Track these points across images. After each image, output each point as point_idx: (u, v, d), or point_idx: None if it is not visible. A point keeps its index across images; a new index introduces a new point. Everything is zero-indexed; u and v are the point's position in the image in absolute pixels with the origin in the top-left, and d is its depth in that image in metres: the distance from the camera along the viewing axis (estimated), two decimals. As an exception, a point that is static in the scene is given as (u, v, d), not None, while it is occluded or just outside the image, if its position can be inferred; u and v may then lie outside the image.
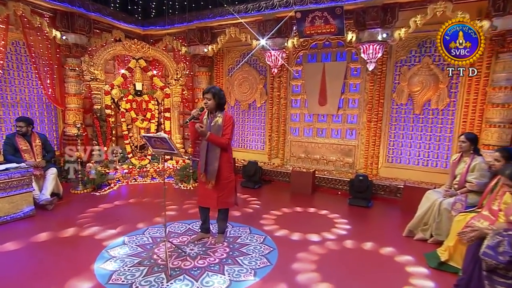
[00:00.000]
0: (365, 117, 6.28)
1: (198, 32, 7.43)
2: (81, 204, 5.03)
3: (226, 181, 3.61)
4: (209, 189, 3.59)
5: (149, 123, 7.05)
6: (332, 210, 5.04)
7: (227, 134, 3.48)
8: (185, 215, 4.63)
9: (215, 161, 3.52)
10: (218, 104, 3.50)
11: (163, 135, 3.01)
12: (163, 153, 3.20)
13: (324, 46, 6.60)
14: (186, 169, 6.46)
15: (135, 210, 4.86)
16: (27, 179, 4.27)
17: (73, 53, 6.65)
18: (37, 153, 4.95)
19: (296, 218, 4.66)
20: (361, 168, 6.40)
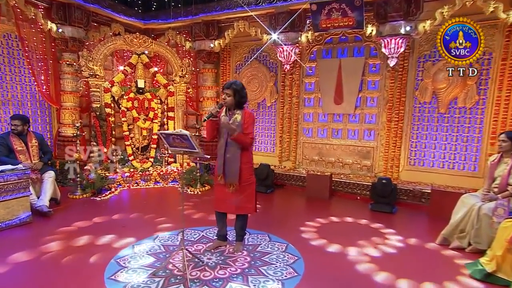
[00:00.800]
0: (384, 117, 6.17)
1: (204, 26, 7.31)
2: (82, 210, 4.87)
3: (246, 184, 3.47)
4: (228, 192, 3.44)
5: (151, 123, 6.89)
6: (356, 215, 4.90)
7: (250, 133, 3.36)
8: (197, 221, 4.47)
9: (235, 162, 3.38)
10: (238, 102, 3.38)
11: (184, 132, 2.87)
12: (182, 152, 3.05)
13: (340, 40, 6.50)
14: (193, 173, 6.30)
15: (141, 216, 4.70)
16: (24, 183, 4.09)
17: (69, 48, 6.52)
18: (33, 154, 4.78)
19: (331, 227, 4.51)
20: (381, 172, 6.27)
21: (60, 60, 6.63)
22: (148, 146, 7.06)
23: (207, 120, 3.35)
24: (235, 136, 3.25)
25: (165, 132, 3.02)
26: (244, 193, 3.46)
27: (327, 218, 4.81)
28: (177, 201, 5.43)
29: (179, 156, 7.07)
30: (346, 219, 4.77)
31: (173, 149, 3.11)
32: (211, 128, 3.41)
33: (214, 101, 7.92)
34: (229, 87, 3.37)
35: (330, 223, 4.58)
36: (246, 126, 3.35)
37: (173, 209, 5.01)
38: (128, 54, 8.24)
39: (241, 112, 3.39)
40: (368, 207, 5.32)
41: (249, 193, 3.50)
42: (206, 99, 7.82)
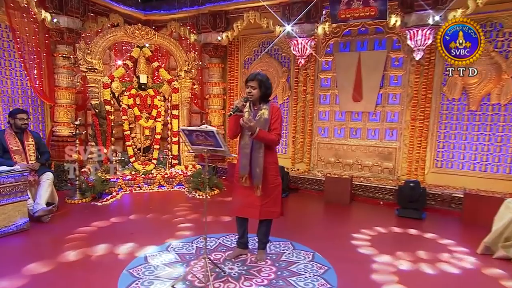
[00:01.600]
0: (408, 115, 6.06)
1: (210, 17, 7.21)
2: (82, 216, 4.71)
3: (272, 186, 3.34)
4: (252, 196, 3.31)
5: (154, 121, 6.75)
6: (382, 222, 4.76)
7: (276, 129, 3.23)
8: (211, 228, 4.33)
9: (261, 162, 3.24)
10: (264, 95, 3.26)
11: (210, 128, 2.75)
12: (206, 150, 2.91)
13: (360, 32, 6.40)
14: (201, 175, 6.16)
15: (149, 222, 4.56)
16: (21, 185, 3.94)
17: (65, 39, 6.39)
18: (30, 154, 4.62)
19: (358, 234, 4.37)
20: (404, 174, 6.16)
21: (54, 53, 6.50)
22: (151, 147, 6.91)
23: (232, 116, 3.22)
24: (257, 135, 3.11)
25: (187, 129, 2.89)
26: (270, 196, 3.34)
27: (351, 225, 4.67)
28: (186, 206, 5.29)
29: (184, 157, 6.93)
30: (373, 225, 4.63)
31: (195, 148, 2.98)
32: (235, 124, 3.27)
33: (221, 98, 7.80)
34: (253, 78, 3.24)
35: (356, 230, 4.44)
36: (273, 121, 3.23)
37: (183, 215, 4.88)
38: (127, 47, 8.12)
39: (268, 106, 3.26)
40: (395, 212, 5.19)
41: (275, 196, 3.38)
42: (212, 96, 7.69)
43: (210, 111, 7.77)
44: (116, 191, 5.84)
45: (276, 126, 3.24)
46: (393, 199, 5.73)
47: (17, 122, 4.55)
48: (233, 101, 7.90)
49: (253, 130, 3.09)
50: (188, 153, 6.94)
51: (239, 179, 3.40)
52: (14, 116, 4.54)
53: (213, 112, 7.74)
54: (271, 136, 3.20)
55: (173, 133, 6.95)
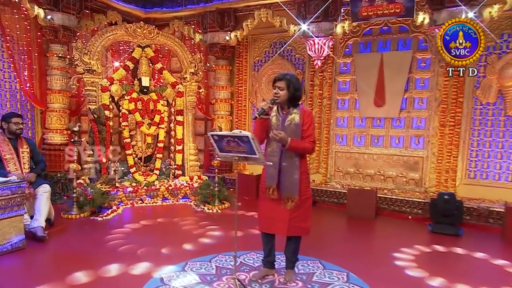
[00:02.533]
0: (437, 121, 5.99)
1: (218, 15, 7.15)
2: (82, 233, 4.57)
3: (303, 198, 3.22)
4: (281, 209, 3.18)
5: (157, 128, 6.62)
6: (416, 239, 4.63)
7: (310, 136, 3.12)
8: (229, 245, 4.18)
9: (294, 171, 3.14)
10: (293, 97, 3.16)
11: (245, 133, 2.65)
12: (237, 158, 2.80)
13: (382, 32, 6.36)
14: (209, 187, 6.01)
15: (158, 239, 4.40)
16: (18, 199, 3.77)
17: (59, 38, 6.31)
18: (24, 163, 4.47)
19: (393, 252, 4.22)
20: (432, 186, 6.05)
21: (47, 52, 6.40)
22: (152, 156, 6.77)
23: (257, 119, 3.10)
24: (289, 146, 2.99)
25: (218, 134, 2.78)
26: (300, 210, 3.21)
27: (384, 241, 4.54)
28: (195, 221, 5.15)
29: (188, 167, 6.79)
30: (410, 243, 4.49)
31: (224, 155, 2.87)
32: (260, 128, 3.17)
33: (228, 103, 7.69)
34: (281, 78, 3.15)
35: (393, 248, 4.29)
36: (306, 128, 3.12)
37: (194, 231, 4.74)
38: (125, 47, 8.06)
39: (299, 110, 3.15)
40: (427, 228, 5.06)
41: (305, 210, 3.25)
42: (219, 101, 7.58)
43: (217, 117, 7.65)
44: (116, 204, 5.67)
45: (310, 133, 3.13)
46: (422, 213, 5.61)
47: (11, 126, 4.40)
48: (240, 106, 7.80)
49: (285, 142, 2.97)
50: (194, 163, 6.85)
51: (265, 190, 3.27)
52: (8, 120, 4.39)
53: (220, 118, 7.63)
54: (304, 144, 3.08)
55: (177, 141, 6.82)
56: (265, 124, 3.19)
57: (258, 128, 3.18)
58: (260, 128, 3.17)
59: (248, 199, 6.52)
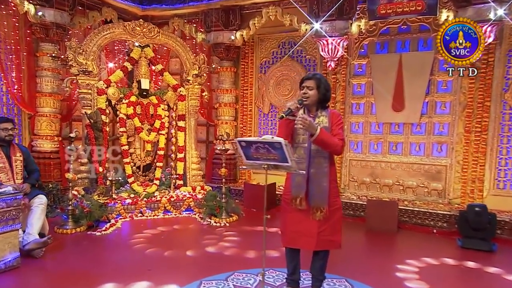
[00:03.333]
0: (461, 127, 5.96)
1: (223, 13, 7.10)
2: (81, 249, 4.46)
3: (333, 208, 3.14)
4: (308, 221, 3.09)
5: (157, 134, 6.51)
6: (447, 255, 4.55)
7: (338, 134, 3.04)
8: (245, 262, 4.12)
9: (323, 178, 3.06)
10: (323, 99, 3.10)
11: (277, 139, 2.58)
12: (266, 166, 2.72)
13: (400, 31, 6.34)
14: (216, 198, 5.91)
15: (165, 255, 4.31)
16: (13, 211, 3.65)
17: (50, 36, 6.26)
18: (17, 173, 4.35)
19: (426, 269, 4.15)
20: (457, 197, 6.00)
21: (37, 52, 6.33)
22: (152, 165, 6.65)
23: (283, 119, 3.02)
24: (317, 136, 2.88)
25: (246, 140, 2.71)
26: (330, 222, 3.13)
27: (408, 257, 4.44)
28: (203, 235, 5.08)
29: (190, 177, 6.69)
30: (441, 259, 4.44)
31: (251, 163, 2.79)
32: (285, 130, 3.08)
33: (232, 107, 7.62)
34: (311, 77, 3.11)
35: (420, 264, 4.21)
36: (334, 128, 3.05)
37: (204, 246, 4.65)
38: (120, 47, 8.01)
39: (327, 113, 3.09)
40: (457, 243, 4.98)
41: (335, 221, 3.17)
42: (223, 106, 7.51)
43: (220, 122, 7.57)
44: (114, 217, 5.54)
45: (339, 132, 3.05)
46: (447, 226, 5.55)
47: (0, 133, 4.29)
48: (246, 111, 7.73)
49: (313, 130, 2.86)
50: (196, 172, 6.75)
51: (291, 201, 3.18)
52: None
53: (223, 124, 7.54)
54: (334, 139, 2.98)
55: (179, 149, 6.72)
56: (291, 127, 3.10)
57: (283, 130, 3.10)
58: (286, 130, 3.08)
59: (256, 211, 6.42)
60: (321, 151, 3.01)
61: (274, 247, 4.33)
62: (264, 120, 7.61)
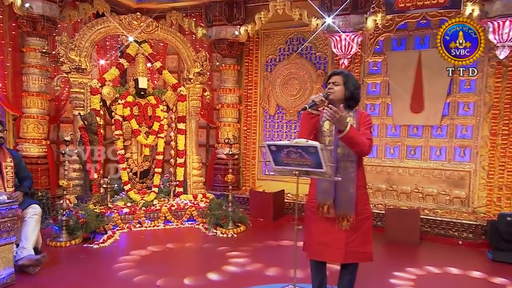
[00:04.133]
0: (486, 129, 5.97)
1: (226, 7, 7.06)
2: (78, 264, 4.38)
3: (362, 217, 3.10)
4: (335, 230, 3.05)
5: (156, 138, 6.44)
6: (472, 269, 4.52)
7: (366, 134, 3.00)
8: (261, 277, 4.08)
9: (349, 184, 3.02)
10: (350, 97, 3.05)
11: (312, 142, 2.54)
12: (297, 172, 2.65)
13: (419, 26, 6.35)
14: (222, 207, 5.84)
15: (174, 268, 4.32)
16: (8, 223, 3.57)
17: (38, 30, 6.17)
18: (8, 180, 4.26)
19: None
20: (482, 205, 5.99)
21: (23, 47, 6.24)
22: (149, 171, 6.56)
23: (304, 112, 2.97)
24: (347, 133, 2.80)
25: (276, 144, 2.65)
26: (359, 232, 3.09)
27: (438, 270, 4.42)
28: (211, 248, 5.04)
29: (191, 184, 6.62)
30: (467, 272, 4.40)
31: (281, 168, 2.73)
32: (307, 127, 3.02)
33: (236, 108, 7.56)
34: (338, 73, 3.10)
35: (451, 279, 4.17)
36: (362, 128, 3.02)
37: (212, 259, 4.63)
38: (112, 43, 7.94)
39: (355, 114, 3.05)
40: (487, 256, 4.95)
41: (365, 231, 3.13)
42: (226, 106, 7.45)
43: (222, 124, 7.51)
44: (111, 228, 5.45)
45: (367, 132, 3.02)
46: (473, 237, 5.53)
47: None
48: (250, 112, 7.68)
49: (343, 125, 2.79)
50: (197, 179, 6.69)
51: (317, 209, 3.13)
52: None
53: (226, 126, 7.49)
54: (362, 138, 2.93)
55: (179, 153, 6.65)
56: (313, 123, 3.03)
57: (305, 126, 3.04)
58: (308, 126, 3.02)
59: (263, 221, 6.36)
60: (348, 154, 2.98)
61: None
62: (270, 122, 7.56)
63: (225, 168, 7.39)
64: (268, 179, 7.54)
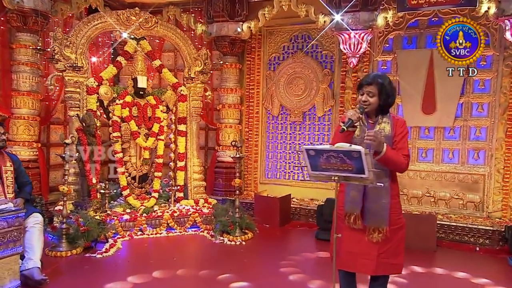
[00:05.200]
0: (501, 131, 6.07)
1: (228, 2, 7.06)
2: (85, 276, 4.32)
3: (394, 228, 3.10)
4: (365, 242, 3.05)
5: (156, 140, 6.40)
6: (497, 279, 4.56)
7: (403, 149, 3.03)
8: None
9: (383, 194, 3.03)
10: (384, 105, 3.06)
11: (356, 147, 2.53)
12: (336, 178, 2.66)
13: (431, 23, 6.44)
14: (228, 213, 5.83)
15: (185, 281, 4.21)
16: (15, 232, 3.51)
17: (29, 25, 6.13)
18: (8, 186, 4.20)
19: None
20: (497, 210, 6.08)
21: (13, 43, 6.18)
22: (148, 175, 6.52)
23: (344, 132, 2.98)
24: (387, 154, 2.86)
25: (316, 148, 2.64)
26: (391, 243, 3.09)
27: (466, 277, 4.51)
28: (224, 257, 5.03)
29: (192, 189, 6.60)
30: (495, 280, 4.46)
31: (318, 174, 2.72)
32: (342, 141, 3.02)
33: (237, 109, 7.54)
34: (372, 82, 3.02)
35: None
36: (398, 139, 3.03)
37: (223, 266, 4.60)
38: (105, 39, 7.88)
39: (389, 119, 3.06)
40: (509, 262, 5.02)
41: (397, 242, 3.13)
42: (227, 107, 7.43)
43: (223, 126, 7.49)
44: (111, 236, 5.40)
45: (403, 145, 3.03)
46: (490, 243, 5.61)
47: None
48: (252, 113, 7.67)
49: (380, 147, 2.84)
50: (199, 183, 6.68)
51: (344, 218, 3.13)
52: None
53: (227, 128, 7.47)
54: (400, 157, 2.97)
55: (179, 156, 6.62)
56: (350, 138, 3.06)
57: (339, 141, 3.05)
58: (344, 141, 3.04)
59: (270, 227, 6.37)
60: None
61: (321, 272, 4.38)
62: (274, 123, 7.57)
63: (226, 172, 7.40)
64: (271, 183, 7.57)
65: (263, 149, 7.68)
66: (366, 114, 3.09)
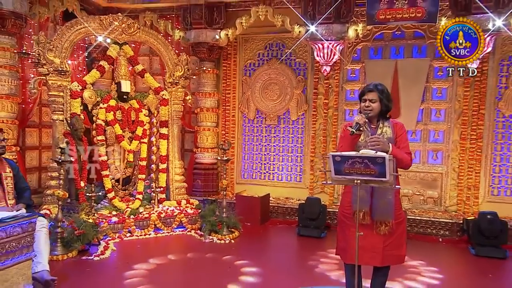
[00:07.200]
0: (456, 134, 6.44)
1: (206, 10, 7.03)
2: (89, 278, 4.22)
3: (397, 221, 3.26)
4: (372, 235, 3.18)
5: (139, 143, 6.29)
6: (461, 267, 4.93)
7: (405, 147, 3.22)
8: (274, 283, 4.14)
9: (388, 191, 3.14)
10: (385, 110, 3.24)
11: (381, 153, 2.65)
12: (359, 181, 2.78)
13: (394, 37, 6.74)
14: (215, 213, 5.83)
15: (189, 279, 4.31)
16: (28, 238, 3.34)
17: (7, 28, 5.91)
18: (8, 192, 4.01)
19: None
20: (453, 204, 6.47)
21: None
22: (131, 178, 6.39)
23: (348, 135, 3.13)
24: (393, 152, 3.04)
25: (342, 154, 2.75)
26: (394, 235, 3.25)
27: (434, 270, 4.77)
28: (216, 255, 5.02)
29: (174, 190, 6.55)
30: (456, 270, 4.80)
31: (340, 178, 2.82)
32: (351, 146, 3.18)
33: (214, 113, 7.52)
34: (373, 89, 3.22)
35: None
36: (399, 140, 3.21)
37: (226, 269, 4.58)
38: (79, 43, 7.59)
39: (389, 123, 3.25)
40: (470, 252, 5.38)
41: (399, 235, 3.29)
42: (205, 111, 7.40)
43: (201, 129, 7.44)
44: (102, 238, 5.26)
45: (405, 145, 3.23)
46: (449, 234, 5.96)
47: None
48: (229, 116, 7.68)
49: (387, 148, 3.01)
50: (180, 185, 6.63)
51: (353, 216, 3.27)
52: None
53: (205, 131, 7.44)
54: (404, 154, 3.15)
55: (161, 158, 6.53)
56: (356, 142, 3.22)
57: (349, 145, 3.19)
58: (351, 145, 3.18)
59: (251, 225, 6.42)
60: None
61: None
62: (249, 126, 7.62)
63: (205, 173, 7.40)
64: (247, 183, 7.61)
65: (240, 151, 7.70)
66: (369, 120, 3.27)
